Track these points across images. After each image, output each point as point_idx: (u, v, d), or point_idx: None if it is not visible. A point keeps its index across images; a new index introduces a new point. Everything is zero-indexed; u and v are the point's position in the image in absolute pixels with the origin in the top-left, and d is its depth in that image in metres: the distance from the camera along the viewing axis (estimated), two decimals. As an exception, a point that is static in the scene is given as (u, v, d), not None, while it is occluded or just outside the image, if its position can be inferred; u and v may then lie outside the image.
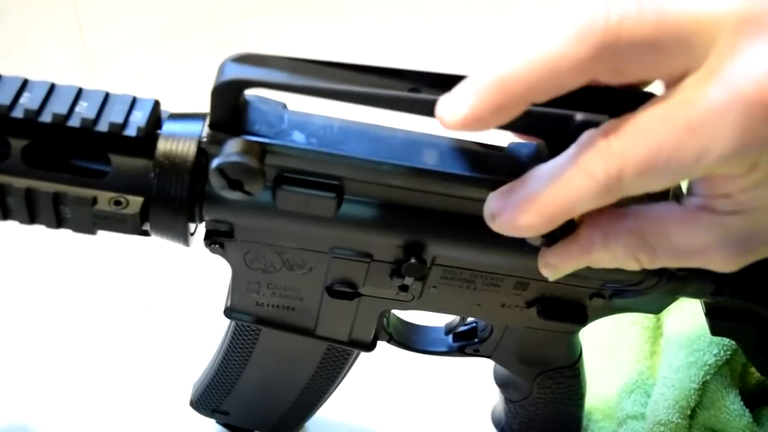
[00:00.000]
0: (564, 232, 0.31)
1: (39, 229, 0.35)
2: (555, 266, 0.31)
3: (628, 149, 0.26)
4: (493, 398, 0.54)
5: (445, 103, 0.27)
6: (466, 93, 0.26)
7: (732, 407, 0.48)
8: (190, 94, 0.73)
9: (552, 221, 0.28)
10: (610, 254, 0.29)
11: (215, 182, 0.31)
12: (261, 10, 0.88)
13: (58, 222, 0.34)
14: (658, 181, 0.26)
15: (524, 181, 0.29)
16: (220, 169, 0.30)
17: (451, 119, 0.26)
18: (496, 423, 0.54)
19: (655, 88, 0.29)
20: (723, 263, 0.29)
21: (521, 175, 0.33)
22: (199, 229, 0.37)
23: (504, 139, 0.33)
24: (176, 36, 0.85)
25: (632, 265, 0.30)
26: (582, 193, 0.27)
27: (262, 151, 0.31)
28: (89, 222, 0.34)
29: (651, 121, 0.26)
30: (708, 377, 0.48)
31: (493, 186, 0.33)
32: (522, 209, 0.28)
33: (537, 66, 0.26)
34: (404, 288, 0.38)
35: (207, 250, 0.37)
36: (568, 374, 0.46)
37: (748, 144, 0.24)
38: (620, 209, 0.29)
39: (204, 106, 0.33)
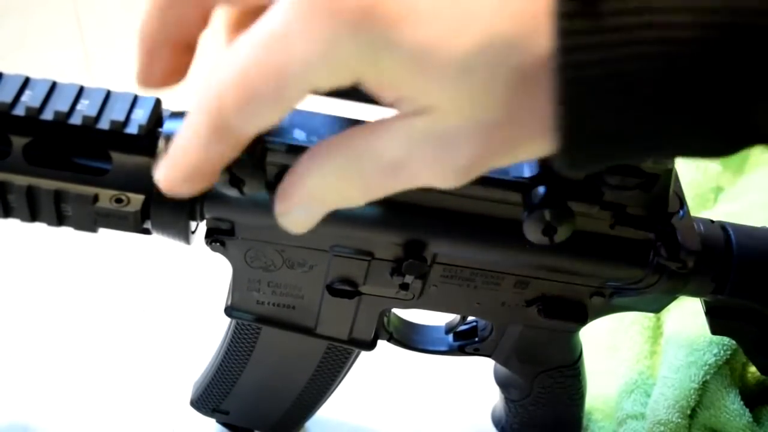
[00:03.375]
0: None
1: (39, 228, 0.35)
2: (284, 211, 0.27)
3: (223, 76, 0.24)
4: (493, 398, 0.54)
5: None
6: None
7: (732, 407, 0.48)
8: (189, 94, 0.73)
9: (193, 178, 0.26)
10: (325, 180, 0.26)
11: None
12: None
13: (59, 220, 0.34)
14: (264, 108, 0.24)
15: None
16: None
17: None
18: (497, 422, 0.54)
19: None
20: (431, 173, 0.25)
21: (522, 172, 0.34)
22: (200, 228, 0.37)
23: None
24: (176, 36, 0.84)
25: (351, 195, 0.26)
26: (199, 140, 0.25)
27: (263, 148, 0.31)
28: (90, 220, 0.34)
29: (242, 43, 0.24)
30: (708, 377, 0.48)
31: (494, 184, 0.34)
32: (170, 173, 0.27)
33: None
34: (405, 286, 0.38)
35: (207, 249, 0.37)
36: (569, 374, 0.46)
37: (327, 52, 0.22)
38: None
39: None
